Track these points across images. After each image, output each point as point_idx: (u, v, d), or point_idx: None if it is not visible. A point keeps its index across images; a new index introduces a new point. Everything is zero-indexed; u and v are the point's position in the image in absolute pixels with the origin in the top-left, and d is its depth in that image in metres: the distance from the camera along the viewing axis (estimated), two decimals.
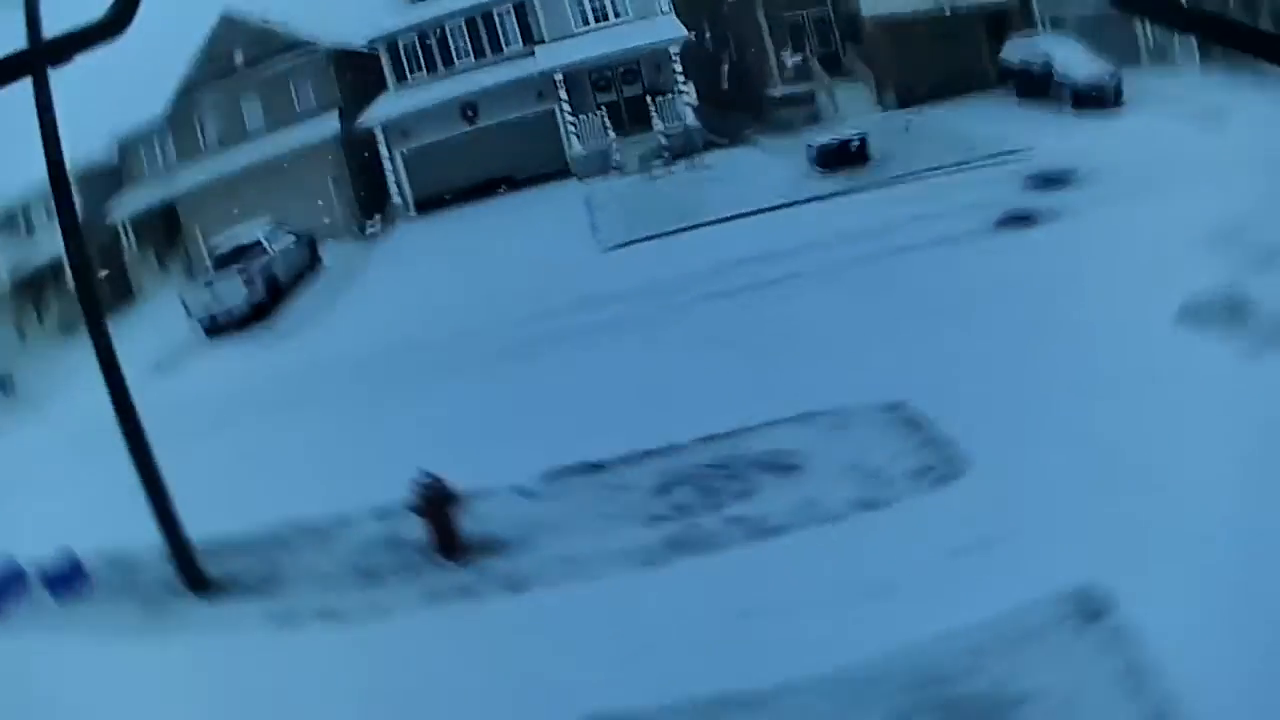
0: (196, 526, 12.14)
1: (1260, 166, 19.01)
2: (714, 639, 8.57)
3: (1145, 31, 34.61)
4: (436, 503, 10.83)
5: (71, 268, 14.66)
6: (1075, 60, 30.62)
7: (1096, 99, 29.09)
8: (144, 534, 12.17)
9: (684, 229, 22.81)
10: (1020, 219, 19.90)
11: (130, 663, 10.62)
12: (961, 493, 10.37)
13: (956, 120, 29.47)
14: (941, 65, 33.96)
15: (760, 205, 23.83)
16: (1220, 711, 6.77)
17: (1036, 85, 31.19)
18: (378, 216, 31.76)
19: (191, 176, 33.51)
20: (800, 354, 14.56)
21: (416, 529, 11.27)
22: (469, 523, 11.34)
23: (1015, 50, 32.73)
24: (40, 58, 10.55)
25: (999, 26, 34.68)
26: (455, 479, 11.34)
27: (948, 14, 34.05)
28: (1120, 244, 17.25)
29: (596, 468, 11.99)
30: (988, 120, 28.65)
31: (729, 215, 23.42)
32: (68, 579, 12.64)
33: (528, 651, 9.03)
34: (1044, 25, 35.13)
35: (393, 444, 13.54)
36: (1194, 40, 35.34)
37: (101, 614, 11.96)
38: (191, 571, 12.05)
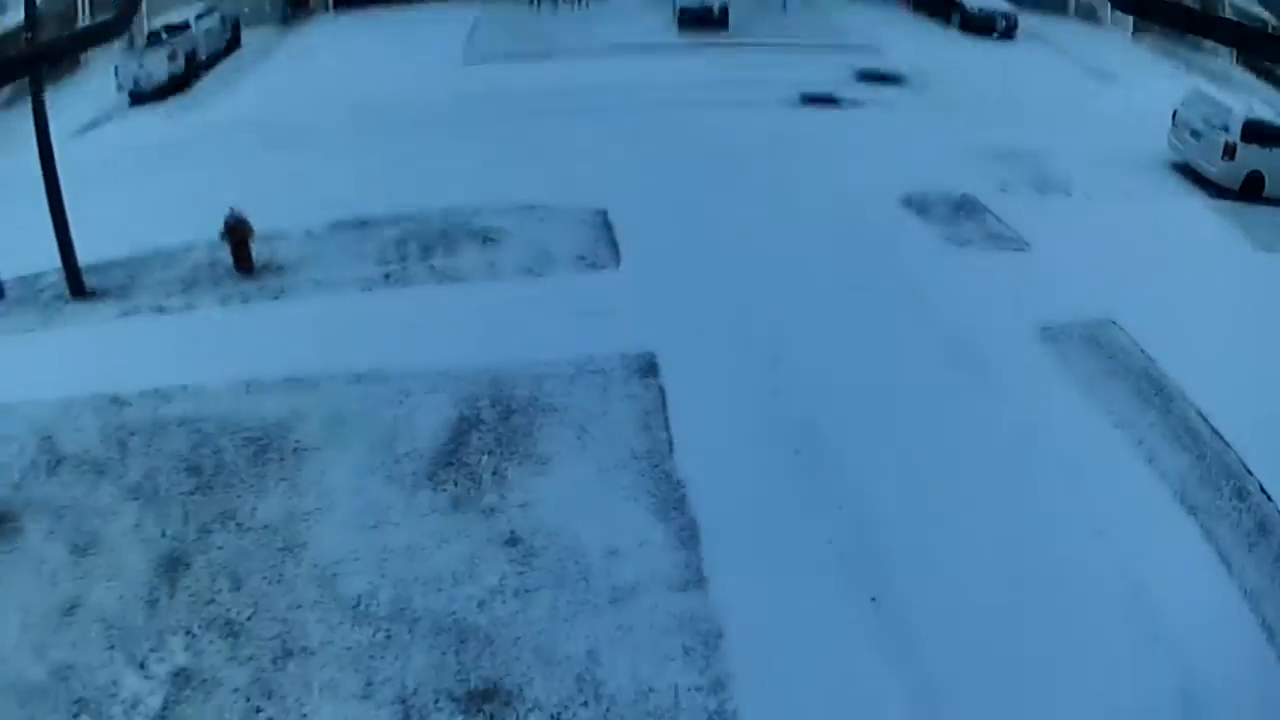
0: (91, 250, 15.75)
1: (1098, 120, 22.12)
2: (376, 338, 12.74)
3: None
4: (237, 232, 14.76)
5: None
6: None
7: (984, 25, 30.35)
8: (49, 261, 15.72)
9: (535, 56, 26.23)
10: (824, 100, 22.68)
11: (25, 345, 14.51)
12: (602, 278, 14.37)
13: (837, 11, 31.35)
14: None
15: (610, 44, 26.98)
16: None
17: (932, 2, 32.44)
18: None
19: None
20: (550, 165, 18.35)
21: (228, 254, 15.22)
22: (268, 251, 15.40)
23: None
24: None
25: None
26: (274, 221, 15.44)
27: None
28: (893, 136, 20.44)
29: (364, 223, 16.01)
30: (866, 20, 30.53)
31: (576, 51, 26.63)
32: None
33: (265, 332, 13.36)
34: None
35: (239, 192, 16.46)
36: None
37: (10, 315, 15.50)
38: (77, 285, 15.62)
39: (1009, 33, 30.57)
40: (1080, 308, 13.05)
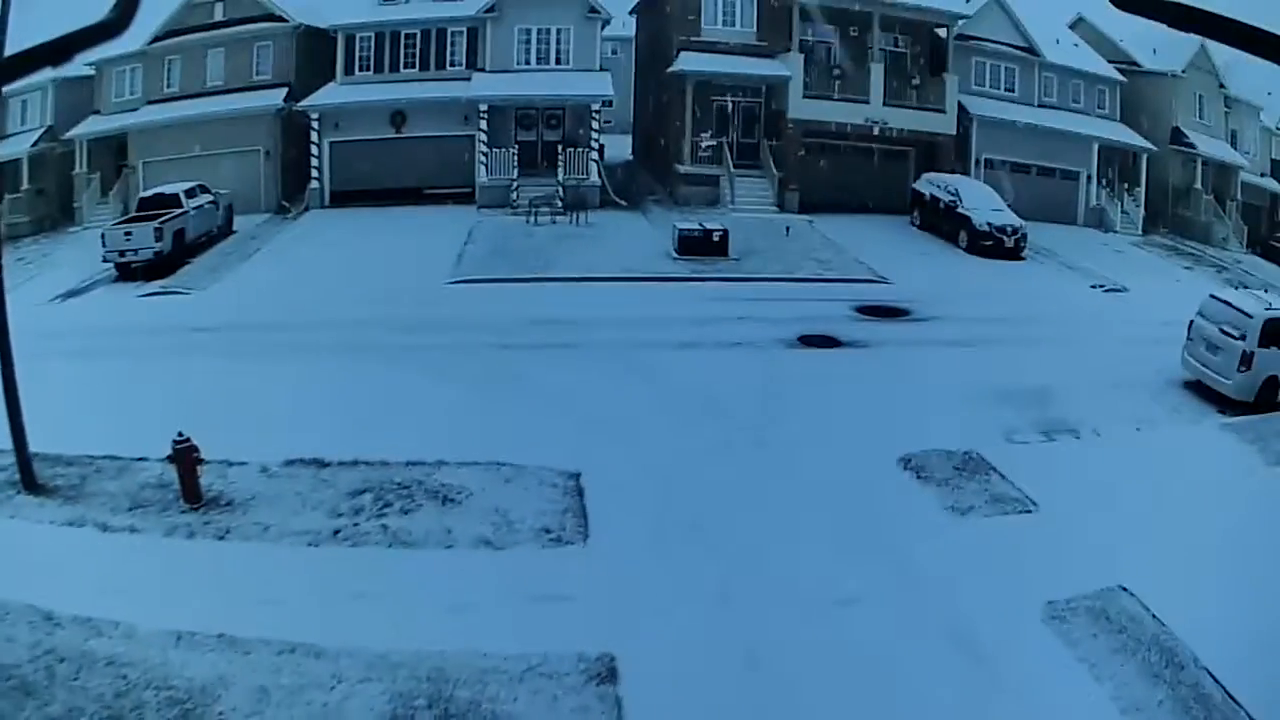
0: (48, 434, 15.84)
1: (1108, 340, 22.08)
2: (316, 604, 12.67)
3: (1085, 192, 37.15)
4: (185, 459, 14.82)
5: None
6: (982, 204, 31.67)
7: (993, 245, 30.44)
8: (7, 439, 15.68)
9: (525, 280, 26.65)
10: (823, 341, 22.39)
11: None
12: (567, 556, 13.83)
13: (842, 234, 31.22)
14: (852, 179, 35.20)
15: (603, 274, 27.07)
16: None
17: (938, 219, 32.49)
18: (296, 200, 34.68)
19: (149, 115, 35.98)
20: (526, 411, 18.44)
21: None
22: (221, 482, 15.54)
23: (929, 182, 33.83)
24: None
25: (929, 158, 35.91)
26: (231, 447, 15.73)
27: (876, 133, 35.64)
28: (892, 383, 20.16)
29: (322, 464, 16.09)
30: (871, 242, 30.30)
31: (568, 277, 26.98)
32: None
33: (204, 577, 13.36)
34: (978, 167, 36.42)
35: (198, 409, 16.98)
36: (1138, 210, 37.21)
37: None
38: (29, 477, 15.72)
39: (1018, 249, 30.46)
40: (1088, 575, 12.48)
